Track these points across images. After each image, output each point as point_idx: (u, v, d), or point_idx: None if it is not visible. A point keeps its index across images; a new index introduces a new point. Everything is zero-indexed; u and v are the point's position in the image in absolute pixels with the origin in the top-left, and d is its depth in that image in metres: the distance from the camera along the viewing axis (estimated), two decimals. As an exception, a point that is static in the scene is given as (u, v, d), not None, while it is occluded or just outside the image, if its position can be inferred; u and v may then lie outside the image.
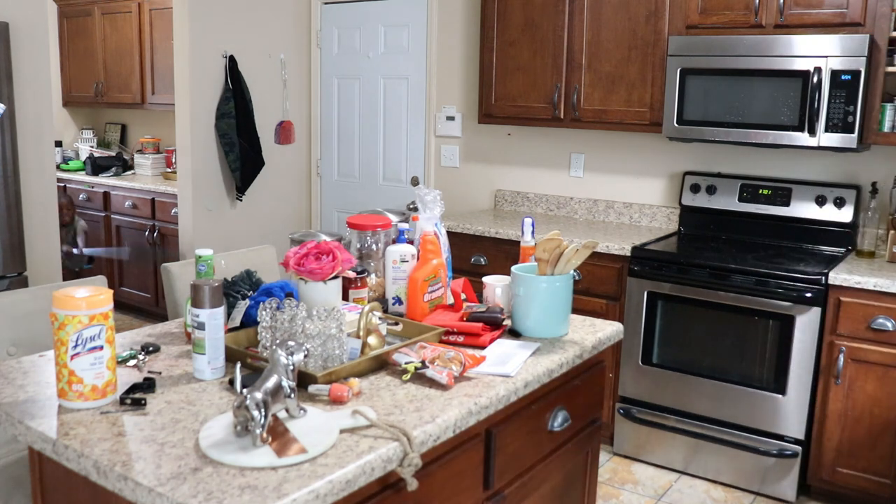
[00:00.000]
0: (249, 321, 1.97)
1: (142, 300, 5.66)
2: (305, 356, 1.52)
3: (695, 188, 3.85)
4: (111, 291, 1.61)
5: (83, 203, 5.92)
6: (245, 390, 1.41)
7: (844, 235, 3.53)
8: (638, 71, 3.72)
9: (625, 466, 3.56)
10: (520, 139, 4.50)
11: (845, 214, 3.50)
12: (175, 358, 1.87)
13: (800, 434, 3.20)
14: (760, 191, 3.69)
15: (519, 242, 2.35)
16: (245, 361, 1.79)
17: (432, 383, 1.72)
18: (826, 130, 3.22)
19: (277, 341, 1.52)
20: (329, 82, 5.22)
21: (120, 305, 5.61)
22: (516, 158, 4.53)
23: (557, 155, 4.38)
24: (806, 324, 3.12)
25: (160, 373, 1.76)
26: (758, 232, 3.73)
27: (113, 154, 6.32)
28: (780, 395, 3.21)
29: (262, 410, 1.38)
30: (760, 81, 3.34)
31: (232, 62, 4.69)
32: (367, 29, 4.98)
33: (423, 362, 1.73)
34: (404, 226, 2.28)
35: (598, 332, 2.16)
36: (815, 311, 3.10)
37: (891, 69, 3.18)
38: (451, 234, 3.75)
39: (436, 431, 1.52)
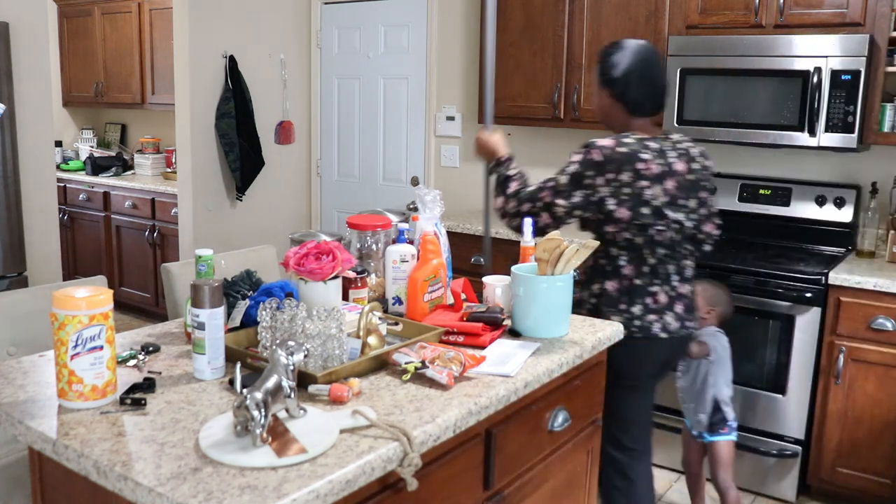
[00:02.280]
0: (249, 321, 1.97)
1: (142, 300, 5.66)
2: (305, 356, 1.52)
3: (695, 188, 3.85)
4: (111, 291, 1.61)
5: (83, 203, 5.92)
6: (245, 390, 1.41)
7: (844, 235, 3.53)
8: (638, 71, 3.72)
9: (625, 466, 3.56)
10: (520, 139, 4.50)
11: (845, 214, 3.50)
12: (175, 358, 1.87)
13: (800, 434, 3.20)
14: (760, 191, 3.69)
15: (519, 242, 2.35)
16: (245, 361, 1.79)
17: (432, 383, 1.72)
18: (826, 130, 3.22)
19: (277, 341, 1.52)
20: (329, 82, 5.22)
21: (120, 305, 5.61)
22: (516, 158, 4.52)
23: (557, 155, 4.37)
24: (806, 324, 3.12)
25: (160, 373, 1.76)
26: (758, 232, 3.73)
27: (113, 154, 6.32)
28: (780, 395, 3.21)
29: (262, 410, 1.38)
30: (760, 81, 3.34)
31: (232, 62, 4.69)
32: (367, 29, 4.98)
33: (423, 362, 1.73)
34: (404, 226, 2.28)
35: (598, 332, 2.16)
36: (815, 311, 3.10)
37: (891, 69, 3.19)
38: (451, 234, 3.74)
39: (436, 431, 1.52)
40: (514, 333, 2.09)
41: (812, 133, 3.25)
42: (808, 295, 3.10)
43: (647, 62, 2.36)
